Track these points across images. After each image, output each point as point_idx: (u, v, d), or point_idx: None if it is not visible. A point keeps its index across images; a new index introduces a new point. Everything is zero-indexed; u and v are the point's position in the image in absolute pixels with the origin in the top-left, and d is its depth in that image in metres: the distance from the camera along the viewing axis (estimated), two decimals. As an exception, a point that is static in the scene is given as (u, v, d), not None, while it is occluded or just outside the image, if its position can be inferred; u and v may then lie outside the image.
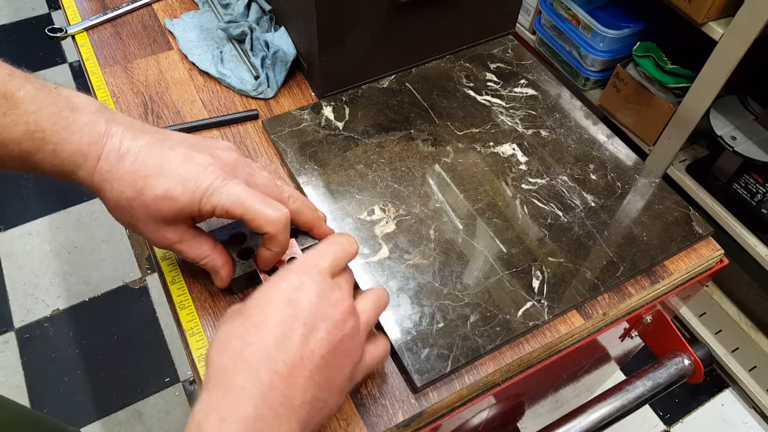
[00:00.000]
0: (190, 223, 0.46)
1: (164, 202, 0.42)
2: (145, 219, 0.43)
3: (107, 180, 0.42)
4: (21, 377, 1.36)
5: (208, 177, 0.43)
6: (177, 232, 0.45)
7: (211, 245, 0.47)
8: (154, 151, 0.43)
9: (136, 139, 0.43)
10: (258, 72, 0.70)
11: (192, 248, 0.46)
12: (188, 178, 0.42)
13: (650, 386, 0.60)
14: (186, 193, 0.42)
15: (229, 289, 0.53)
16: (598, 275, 0.55)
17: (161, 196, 0.42)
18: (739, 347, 1.33)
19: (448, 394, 0.49)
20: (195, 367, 0.50)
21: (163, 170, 0.42)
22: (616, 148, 0.65)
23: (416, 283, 0.54)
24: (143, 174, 0.42)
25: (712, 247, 0.59)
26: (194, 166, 0.43)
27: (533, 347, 0.52)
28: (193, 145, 0.45)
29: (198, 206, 0.43)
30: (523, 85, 0.71)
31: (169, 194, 0.42)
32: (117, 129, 0.43)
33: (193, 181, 0.42)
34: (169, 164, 0.43)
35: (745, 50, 0.95)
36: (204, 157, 0.44)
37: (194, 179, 0.42)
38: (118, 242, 1.59)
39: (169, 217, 0.43)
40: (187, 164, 0.43)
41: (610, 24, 1.19)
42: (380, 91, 0.70)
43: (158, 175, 0.42)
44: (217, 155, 0.45)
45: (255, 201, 0.43)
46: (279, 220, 0.43)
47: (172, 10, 0.79)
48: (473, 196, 0.60)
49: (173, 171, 0.42)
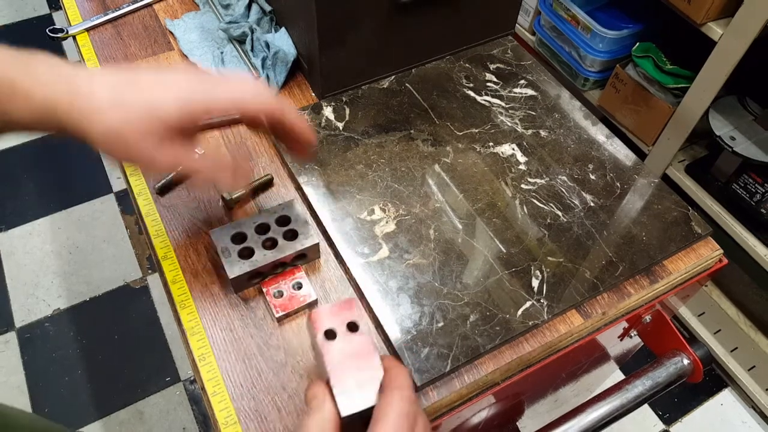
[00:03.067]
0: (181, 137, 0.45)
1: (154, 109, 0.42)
2: (141, 136, 0.42)
3: (91, 111, 0.41)
4: (22, 377, 1.36)
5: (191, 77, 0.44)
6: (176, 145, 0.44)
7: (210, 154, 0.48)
8: (130, 74, 0.43)
9: (105, 73, 0.43)
10: (258, 72, 0.70)
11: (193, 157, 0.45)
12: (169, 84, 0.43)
13: (649, 386, 0.60)
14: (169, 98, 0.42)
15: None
16: (597, 275, 0.55)
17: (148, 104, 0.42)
18: (738, 347, 1.33)
19: (447, 393, 0.49)
20: (195, 366, 0.51)
21: (147, 83, 0.42)
22: (615, 148, 0.66)
23: (416, 283, 0.54)
24: (128, 94, 0.42)
25: (711, 246, 0.60)
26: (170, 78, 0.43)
27: (533, 347, 0.52)
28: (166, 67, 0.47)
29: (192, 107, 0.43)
30: (523, 85, 0.71)
31: (157, 99, 0.42)
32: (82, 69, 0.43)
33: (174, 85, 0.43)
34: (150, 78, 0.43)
35: (744, 50, 0.95)
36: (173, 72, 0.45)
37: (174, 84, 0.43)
38: (119, 242, 1.59)
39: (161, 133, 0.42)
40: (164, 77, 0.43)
41: (609, 24, 1.19)
42: (380, 92, 0.70)
43: (143, 89, 0.42)
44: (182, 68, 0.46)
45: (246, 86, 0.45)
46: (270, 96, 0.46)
47: (172, 11, 0.80)
48: (473, 196, 0.61)
49: (156, 82, 0.43)
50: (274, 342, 0.52)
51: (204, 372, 0.50)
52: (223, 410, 0.48)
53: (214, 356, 0.51)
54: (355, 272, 0.55)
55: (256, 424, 0.48)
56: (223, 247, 0.53)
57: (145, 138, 0.42)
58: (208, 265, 0.56)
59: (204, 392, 0.49)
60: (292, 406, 0.49)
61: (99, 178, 1.72)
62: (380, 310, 0.52)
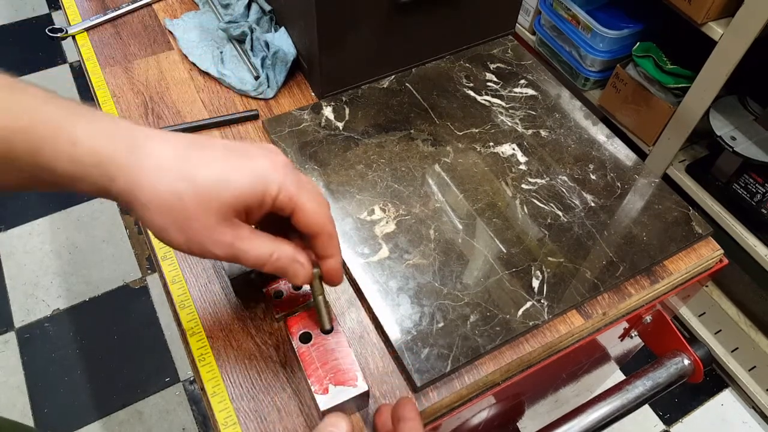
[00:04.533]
0: (245, 218, 0.39)
1: (221, 185, 0.36)
2: (199, 215, 0.36)
3: (148, 174, 0.35)
4: (21, 377, 1.36)
5: (264, 160, 0.38)
6: (236, 227, 0.38)
7: (272, 237, 0.40)
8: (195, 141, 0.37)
9: (167, 134, 0.37)
10: (258, 72, 0.70)
11: (255, 244, 0.38)
12: (244, 161, 0.37)
13: (650, 386, 0.60)
14: (245, 176, 0.37)
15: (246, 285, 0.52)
16: (597, 275, 0.55)
17: (217, 178, 0.36)
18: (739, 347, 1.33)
19: (448, 393, 0.49)
20: (195, 366, 0.50)
21: (213, 156, 0.37)
22: (615, 148, 0.65)
23: (416, 283, 0.54)
24: (192, 161, 0.36)
25: (712, 247, 0.59)
26: (245, 151, 0.38)
27: (533, 347, 0.52)
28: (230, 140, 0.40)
29: (261, 191, 0.37)
30: (523, 85, 0.71)
31: (226, 176, 0.36)
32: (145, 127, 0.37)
33: (251, 164, 0.37)
34: (218, 150, 0.37)
35: (744, 50, 0.95)
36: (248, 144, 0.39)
37: (251, 162, 0.37)
38: (119, 242, 1.59)
39: (227, 208, 0.36)
40: (238, 150, 0.38)
41: (609, 24, 1.19)
42: (380, 92, 0.70)
43: (210, 161, 0.36)
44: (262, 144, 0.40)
45: (311, 193, 0.39)
46: (327, 214, 0.40)
47: (172, 11, 0.80)
48: (473, 196, 0.61)
49: (225, 157, 0.37)
50: (274, 342, 0.52)
51: (204, 372, 0.50)
52: (223, 411, 0.48)
53: (213, 356, 0.51)
54: (355, 272, 0.55)
55: (255, 425, 0.48)
56: (222, 247, 0.53)
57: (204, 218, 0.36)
58: (207, 266, 0.56)
59: (204, 393, 0.49)
60: (292, 406, 0.49)
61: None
62: (380, 311, 0.52)
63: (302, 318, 0.48)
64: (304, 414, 0.48)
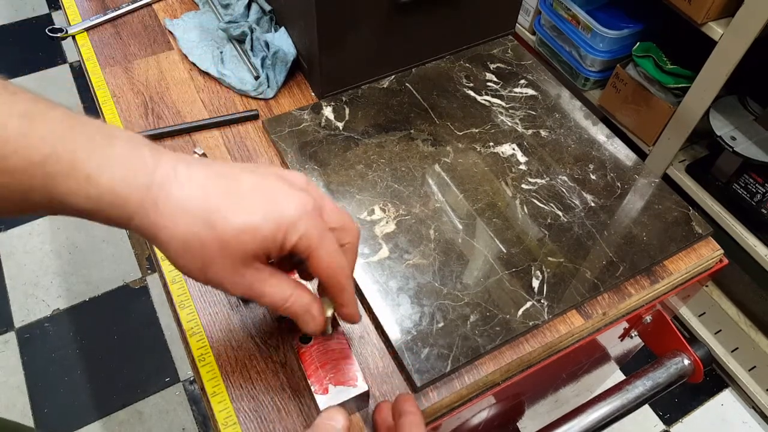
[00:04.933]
0: (265, 260, 0.38)
1: (245, 235, 0.35)
2: (220, 259, 0.35)
3: (167, 215, 0.34)
4: (21, 377, 1.36)
5: (289, 205, 0.36)
6: (256, 271, 0.37)
7: (291, 282, 0.39)
8: (219, 179, 0.36)
9: (191, 167, 0.36)
10: (258, 72, 0.70)
11: (274, 288, 0.38)
12: (269, 206, 0.36)
13: (650, 386, 0.60)
14: (268, 223, 0.35)
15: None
16: (597, 275, 0.55)
17: (241, 228, 0.35)
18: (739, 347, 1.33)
19: (448, 393, 0.49)
20: (195, 366, 0.50)
21: (237, 198, 0.36)
22: (615, 148, 0.65)
23: (416, 283, 0.54)
24: (214, 204, 0.35)
25: (712, 247, 0.59)
26: (272, 193, 0.37)
27: (533, 347, 0.52)
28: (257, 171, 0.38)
29: (282, 238, 0.36)
30: (523, 85, 0.71)
31: (250, 225, 0.35)
32: (166, 157, 0.36)
33: (276, 210, 0.36)
34: (243, 191, 0.36)
35: (744, 50, 0.95)
36: (276, 181, 0.38)
37: (276, 207, 0.36)
38: (119, 242, 1.59)
39: (248, 254, 0.36)
40: (263, 190, 0.37)
41: (609, 24, 1.19)
42: (380, 91, 0.70)
43: (233, 204, 0.35)
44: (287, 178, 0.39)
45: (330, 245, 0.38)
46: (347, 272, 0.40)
47: (172, 10, 0.79)
48: (473, 196, 0.61)
49: (250, 199, 0.36)
50: (274, 342, 0.52)
51: (204, 372, 0.50)
52: (223, 411, 0.48)
53: (213, 356, 0.51)
54: (355, 272, 0.55)
55: (255, 425, 0.48)
56: (222, 247, 0.53)
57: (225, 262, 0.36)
58: (207, 265, 0.56)
59: (203, 393, 0.49)
60: (292, 406, 0.49)
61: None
62: (380, 311, 0.52)
63: None
64: (304, 414, 0.48)
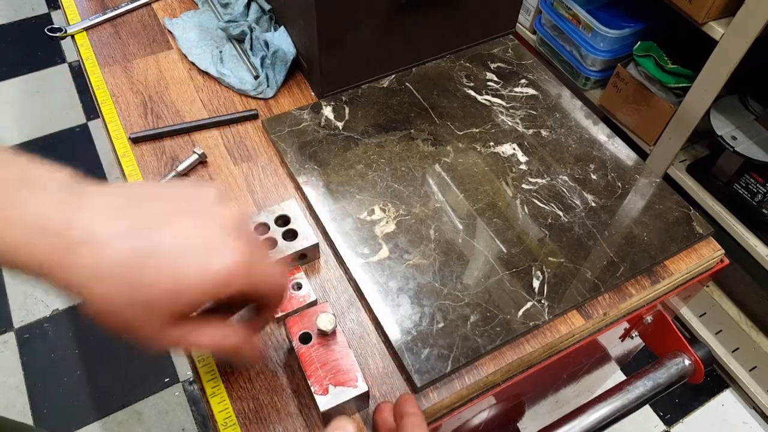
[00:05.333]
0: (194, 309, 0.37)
1: (169, 298, 0.33)
2: (144, 321, 0.34)
3: (85, 277, 0.32)
4: (21, 377, 1.36)
5: (220, 262, 0.34)
6: (182, 326, 0.36)
7: (219, 326, 0.38)
8: (143, 233, 0.33)
9: (117, 219, 0.33)
10: (258, 72, 0.70)
11: (202, 338, 0.37)
12: (199, 264, 0.34)
13: (650, 386, 0.60)
14: (199, 283, 0.34)
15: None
16: (598, 275, 0.55)
17: (166, 292, 0.33)
18: (740, 347, 1.33)
19: (448, 394, 0.49)
20: (195, 366, 0.50)
21: (162, 258, 0.33)
22: (616, 147, 0.65)
23: (416, 283, 0.54)
24: (137, 266, 0.33)
25: (713, 247, 0.59)
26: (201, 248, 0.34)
27: (533, 347, 0.52)
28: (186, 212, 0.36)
29: (210, 297, 0.35)
30: (524, 84, 0.71)
31: (175, 288, 0.33)
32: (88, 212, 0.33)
33: (206, 267, 0.34)
34: (169, 249, 0.34)
35: (745, 50, 0.95)
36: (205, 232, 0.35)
37: (206, 264, 0.34)
38: (118, 242, 1.59)
39: (175, 314, 0.34)
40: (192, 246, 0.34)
41: (610, 24, 1.19)
42: (380, 91, 0.70)
43: (158, 265, 0.33)
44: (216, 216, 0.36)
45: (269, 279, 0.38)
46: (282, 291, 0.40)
47: (171, 10, 0.79)
48: (473, 196, 0.60)
49: (176, 258, 0.34)
50: (274, 342, 0.52)
51: (203, 373, 0.50)
52: (223, 411, 0.48)
53: (213, 357, 0.51)
54: (355, 273, 0.54)
55: (255, 425, 0.47)
56: (221, 247, 0.52)
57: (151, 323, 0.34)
58: (206, 266, 0.56)
59: (203, 393, 0.49)
60: (292, 406, 0.48)
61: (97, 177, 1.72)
62: (380, 311, 0.52)
63: (302, 318, 0.48)
64: (304, 414, 0.48)
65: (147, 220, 0.34)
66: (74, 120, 1.85)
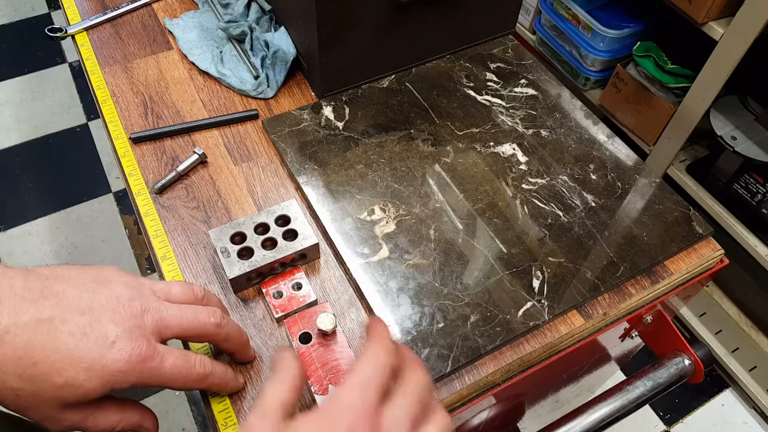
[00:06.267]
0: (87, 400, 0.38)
1: (64, 390, 0.35)
2: (38, 408, 0.36)
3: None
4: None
5: (114, 356, 0.36)
6: (78, 411, 0.37)
7: (118, 407, 0.40)
8: (42, 328, 0.35)
9: (17, 313, 0.35)
10: (258, 72, 0.70)
11: (99, 420, 0.38)
12: (92, 362, 0.36)
13: (650, 386, 0.60)
14: (92, 380, 0.36)
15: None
16: (598, 275, 0.55)
17: (61, 386, 0.35)
18: (740, 347, 1.33)
19: (448, 394, 0.49)
20: (195, 367, 0.50)
21: (58, 354, 0.35)
22: (616, 148, 0.65)
23: (416, 283, 0.54)
24: (31, 360, 0.34)
25: (713, 247, 0.59)
26: (96, 344, 0.36)
27: (533, 347, 0.52)
28: (85, 306, 0.37)
29: (108, 388, 0.37)
30: (524, 84, 0.71)
31: (71, 383, 0.35)
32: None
33: (99, 365, 0.36)
34: (65, 345, 0.35)
35: (745, 50, 0.95)
36: (100, 325, 0.37)
37: (99, 362, 0.36)
38: (118, 242, 1.59)
39: (70, 403, 0.36)
40: (87, 342, 0.36)
41: (610, 24, 1.19)
42: (380, 91, 0.70)
43: (53, 361, 0.35)
44: (118, 304, 0.39)
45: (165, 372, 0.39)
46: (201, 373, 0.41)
47: (171, 10, 0.79)
48: (473, 196, 0.60)
49: (71, 354, 0.35)
50: (274, 342, 0.52)
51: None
52: (223, 411, 0.48)
53: (212, 357, 0.51)
54: (355, 273, 0.54)
55: (255, 426, 0.47)
56: (222, 248, 0.53)
57: (44, 410, 0.36)
58: (207, 266, 0.56)
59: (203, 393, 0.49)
60: (291, 407, 0.48)
61: (98, 178, 1.72)
62: (380, 311, 0.52)
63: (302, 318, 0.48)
64: (303, 415, 0.48)
65: (47, 314, 0.36)
66: (74, 120, 1.85)
